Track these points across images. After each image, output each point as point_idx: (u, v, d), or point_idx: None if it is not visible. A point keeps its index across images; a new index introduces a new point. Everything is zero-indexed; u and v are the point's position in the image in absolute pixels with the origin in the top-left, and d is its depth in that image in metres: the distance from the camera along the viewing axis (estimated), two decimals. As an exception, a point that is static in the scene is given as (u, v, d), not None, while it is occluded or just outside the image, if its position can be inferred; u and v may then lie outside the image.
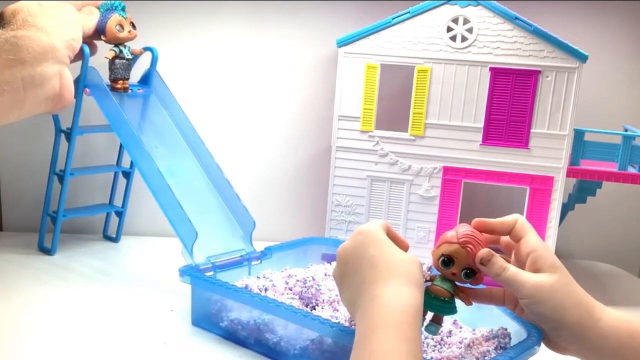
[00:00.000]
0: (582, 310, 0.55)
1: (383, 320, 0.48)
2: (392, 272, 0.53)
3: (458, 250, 0.56)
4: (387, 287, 0.51)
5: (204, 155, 0.87)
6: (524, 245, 0.58)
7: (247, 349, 0.68)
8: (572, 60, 0.84)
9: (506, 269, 0.56)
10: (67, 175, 0.91)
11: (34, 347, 0.66)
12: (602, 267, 1.10)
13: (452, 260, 0.56)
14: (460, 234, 0.57)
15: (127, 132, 0.81)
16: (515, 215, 0.60)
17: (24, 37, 0.60)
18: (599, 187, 0.97)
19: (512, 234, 0.59)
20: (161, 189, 0.78)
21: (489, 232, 0.60)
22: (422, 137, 0.90)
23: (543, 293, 0.55)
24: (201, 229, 0.76)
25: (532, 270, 0.56)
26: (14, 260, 0.91)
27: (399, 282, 0.52)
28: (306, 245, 0.86)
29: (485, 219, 0.59)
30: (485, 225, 0.59)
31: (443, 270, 0.57)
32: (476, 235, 0.57)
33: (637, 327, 0.56)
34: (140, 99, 0.90)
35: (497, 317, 0.65)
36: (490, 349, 0.60)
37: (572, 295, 0.56)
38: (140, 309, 0.77)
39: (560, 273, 0.56)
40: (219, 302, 0.71)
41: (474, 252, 0.56)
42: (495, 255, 0.57)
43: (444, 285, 0.57)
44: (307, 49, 1.04)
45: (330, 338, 0.61)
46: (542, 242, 0.58)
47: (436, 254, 0.57)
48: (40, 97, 0.63)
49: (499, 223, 0.59)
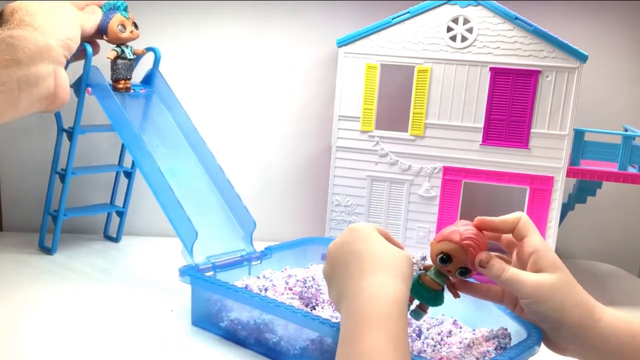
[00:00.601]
0: (582, 310, 0.55)
1: (368, 315, 0.48)
2: (378, 265, 0.52)
3: (458, 250, 0.56)
4: (372, 279, 0.51)
5: (206, 156, 0.87)
6: (526, 245, 0.58)
7: (247, 349, 0.68)
8: (572, 60, 0.84)
9: (505, 271, 0.56)
10: (69, 175, 0.91)
11: (34, 346, 0.67)
12: (602, 267, 1.10)
13: (451, 259, 0.57)
14: (463, 235, 0.57)
15: (128, 131, 0.81)
16: (518, 213, 0.59)
17: (19, 37, 0.60)
18: (599, 187, 0.97)
19: (514, 233, 0.59)
20: (162, 189, 0.78)
21: (491, 231, 0.60)
22: (422, 137, 0.90)
23: (543, 292, 0.55)
24: (201, 229, 0.77)
25: (533, 270, 0.56)
26: (15, 259, 0.91)
27: (384, 274, 0.51)
28: (306, 245, 0.86)
29: (488, 217, 0.59)
30: (487, 224, 0.59)
31: (439, 266, 0.57)
32: (478, 237, 0.57)
33: (637, 327, 0.56)
34: (143, 99, 0.90)
35: (497, 317, 0.65)
36: (490, 349, 0.60)
37: (572, 295, 0.56)
38: (140, 309, 0.77)
39: (561, 273, 0.56)
40: (218, 302, 0.71)
41: (474, 254, 0.56)
42: (494, 258, 0.57)
43: (437, 279, 0.58)
44: (307, 49, 1.04)
45: (330, 338, 0.61)
46: (544, 242, 0.58)
47: (435, 249, 0.57)
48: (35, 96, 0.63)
49: (501, 221, 0.59)
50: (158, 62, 0.92)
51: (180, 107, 0.89)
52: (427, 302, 0.58)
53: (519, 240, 0.59)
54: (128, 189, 1.01)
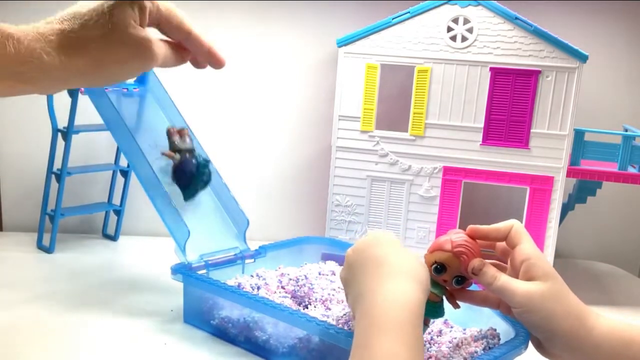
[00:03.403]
0: (573, 319, 0.54)
1: (385, 319, 0.47)
2: (398, 271, 0.52)
3: (451, 259, 0.56)
4: (390, 284, 0.50)
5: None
6: (517, 253, 0.57)
7: (237, 347, 0.69)
8: (572, 60, 0.84)
9: (497, 279, 0.55)
10: (64, 174, 0.91)
11: (32, 346, 0.66)
12: (602, 267, 1.10)
13: (445, 268, 0.56)
14: (454, 243, 0.56)
15: (121, 131, 0.81)
16: (511, 221, 0.59)
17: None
18: (599, 187, 0.97)
19: (507, 241, 0.58)
20: (153, 188, 0.78)
21: (483, 239, 0.59)
22: (422, 137, 0.90)
23: (533, 302, 0.54)
24: (195, 228, 0.76)
25: (525, 279, 0.55)
26: (13, 259, 0.91)
27: (403, 280, 0.51)
28: (301, 245, 0.86)
29: (480, 226, 0.58)
30: (479, 233, 0.58)
31: (435, 276, 0.57)
32: (470, 245, 0.57)
33: (631, 336, 0.54)
34: (137, 98, 0.90)
35: (487, 316, 0.65)
36: (478, 350, 0.60)
37: (563, 304, 0.54)
38: (137, 307, 0.77)
39: (552, 281, 0.55)
40: (210, 300, 0.71)
41: (467, 262, 0.56)
42: (487, 265, 0.56)
43: (435, 290, 0.57)
44: (307, 49, 1.04)
45: (317, 336, 0.61)
46: (536, 250, 0.57)
47: (429, 259, 0.57)
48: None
49: (494, 230, 0.58)
50: None
51: (174, 106, 0.89)
52: (427, 314, 0.57)
53: (512, 248, 0.58)
54: (125, 188, 1.01)
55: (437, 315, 0.58)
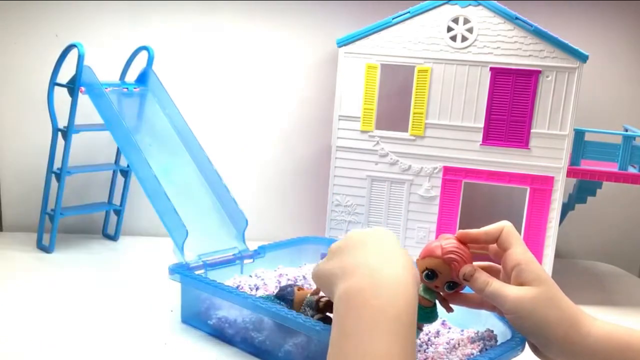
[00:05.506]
0: (567, 325, 0.53)
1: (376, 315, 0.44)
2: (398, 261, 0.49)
3: (442, 265, 0.56)
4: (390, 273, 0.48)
5: (198, 154, 0.87)
6: (508, 257, 0.56)
7: (233, 347, 0.68)
8: (572, 60, 0.84)
9: (489, 284, 0.55)
10: (64, 174, 0.91)
11: (32, 345, 0.66)
12: (602, 267, 1.10)
13: (436, 275, 0.56)
14: (444, 249, 0.56)
15: (120, 131, 0.81)
16: (502, 223, 0.58)
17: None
18: (599, 187, 0.97)
19: (498, 244, 0.58)
20: (152, 187, 0.78)
21: (473, 243, 0.58)
22: (422, 137, 0.90)
23: (525, 308, 0.53)
24: (193, 227, 0.76)
25: (517, 284, 0.55)
26: (13, 259, 0.91)
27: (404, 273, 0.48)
28: (300, 245, 0.86)
29: (469, 230, 0.58)
30: (469, 237, 0.58)
31: (427, 282, 0.57)
32: (460, 251, 0.56)
33: (627, 341, 0.53)
34: (137, 98, 0.90)
35: (485, 317, 0.65)
36: (474, 351, 0.60)
37: (556, 309, 0.53)
38: (136, 307, 0.77)
39: (544, 286, 0.54)
40: (207, 300, 0.71)
41: (458, 268, 0.56)
42: (479, 271, 0.55)
43: (427, 295, 0.57)
44: (307, 49, 1.04)
45: (313, 338, 0.61)
46: (527, 254, 0.56)
47: (420, 265, 0.57)
48: None
49: (484, 233, 0.58)
50: (151, 61, 0.92)
51: (174, 106, 0.89)
52: (420, 319, 0.57)
53: (504, 251, 0.57)
54: (125, 188, 1.01)
55: (430, 320, 0.58)
